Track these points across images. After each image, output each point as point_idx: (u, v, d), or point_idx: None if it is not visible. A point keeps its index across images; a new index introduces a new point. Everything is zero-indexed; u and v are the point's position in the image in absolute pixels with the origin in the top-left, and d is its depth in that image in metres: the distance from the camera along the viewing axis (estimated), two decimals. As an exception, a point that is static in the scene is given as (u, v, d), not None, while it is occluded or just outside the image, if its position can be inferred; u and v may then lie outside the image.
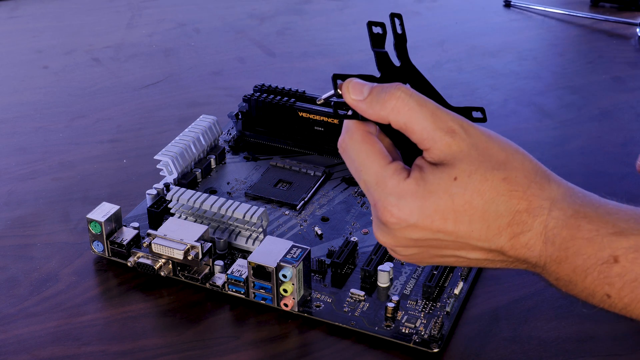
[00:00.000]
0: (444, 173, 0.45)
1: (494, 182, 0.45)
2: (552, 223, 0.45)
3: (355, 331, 0.60)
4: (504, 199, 0.45)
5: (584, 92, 0.94)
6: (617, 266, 0.43)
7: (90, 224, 0.66)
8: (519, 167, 0.45)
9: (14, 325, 0.61)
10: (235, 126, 0.82)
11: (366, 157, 0.46)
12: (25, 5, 1.19)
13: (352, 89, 0.46)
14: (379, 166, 0.46)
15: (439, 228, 0.45)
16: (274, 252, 0.60)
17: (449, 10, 1.17)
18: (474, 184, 0.44)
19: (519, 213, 0.45)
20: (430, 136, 0.45)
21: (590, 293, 0.45)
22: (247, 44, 1.07)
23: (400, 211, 0.45)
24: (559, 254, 0.45)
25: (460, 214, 0.45)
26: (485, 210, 0.45)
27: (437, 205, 0.45)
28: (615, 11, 1.15)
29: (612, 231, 0.44)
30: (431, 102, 0.45)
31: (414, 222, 0.45)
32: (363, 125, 0.47)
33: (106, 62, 1.02)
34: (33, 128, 0.87)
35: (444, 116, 0.45)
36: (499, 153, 0.45)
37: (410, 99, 0.45)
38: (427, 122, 0.45)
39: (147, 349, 0.59)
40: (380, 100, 0.45)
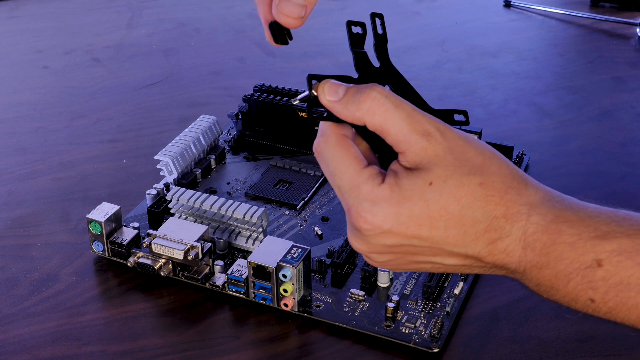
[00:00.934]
0: (418, 178, 0.44)
1: (470, 187, 0.44)
2: (532, 228, 0.44)
3: (355, 331, 0.60)
4: (481, 204, 0.44)
5: (584, 92, 0.94)
6: (601, 270, 0.43)
7: (90, 224, 0.66)
8: (496, 171, 0.44)
9: (14, 325, 0.61)
10: (235, 126, 0.82)
11: (340, 162, 0.45)
12: (25, 5, 1.19)
13: (327, 89, 0.45)
14: (354, 171, 0.45)
15: (413, 234, 0.44)
16: (274, 252, 0.60)
17: (449, 10, 1.17)
18: (449, 189, 0.44)
19: (497, 219, 0.44)
20: (406, 138, 0.44)
21: (573, 298, 0.44)
22: (247, 44, 1.07)
23: (374, 217, 0.44)
24: (540, 260, 0.44)
25: (436, 220, 0.44)
26: (462, 216, 0.44)
27: (412, 211, 0.44)
28: (615, 11, 1.15)
29: (595, 235, 0.43)
30: (408, 104, 0.45)
31: (388, 228, 0.44)
32: (338, 128, 0.46)
33: (106, 62, 1.02)
34: (33, 128, 0.87)
35: (420, 118, 0.44)
36: (475, 157, 0.44)
37: (386, 100, 0.44)
38: (403, 124, 0.44)
39: (147, 349, 0.59)
40: (355, 101, 0.44)
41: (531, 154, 0.81)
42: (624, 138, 0.85)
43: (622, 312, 0.43)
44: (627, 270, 0.42)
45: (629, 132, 0.86)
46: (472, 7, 1.18)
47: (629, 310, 0.43)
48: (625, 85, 0.96)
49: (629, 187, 0.77)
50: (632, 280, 0.42)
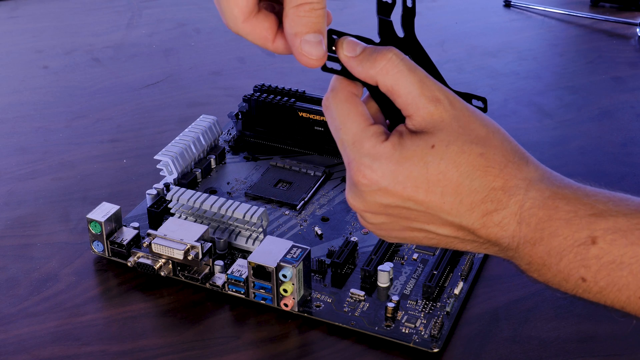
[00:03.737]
0: (422, 140, 0.44)
1: (471, 155, 0.44)
2: (529, 203, 0.44)
3: (355, 331, 0.60)
4: (480, 174, 0.44)
5: (584, 92, 0.94)
6: (594, 248, 0.43)
7: (90, 224, 0.66)
8: (497, 145, 0.45)
9: (14, 325, 0.61)
10: (235, 126, 0.82)
11: (346, 117, 0.46)
12: (25, 5, 1.19)
13: (346, 45, 0.45)
14: (358, 127, 0.45)
15: (409, 196, 0.45)
16: (274, 252, 0.60)
17: (449, 10, 1.17)
18: (450, 155, 0.44)
19: (494, 190, 0.44)
20: (414, 102, 0.44)
21: (564, 277, 0.44)
22: (247, 44, 1.06)
23: (373, 172, 0.45)
24: (534, 235, 0.44)
25: (433, 184, 0.44)
26: (459, 184, 0.44)
27: (410, 171, 0.44)
28: (615, 11, 1.15)
29: (591, 212, 0.43)
30: (422, 70, 0.45)
31: (385, 185, 0.45)
32: (348, 86, 0.46)
33: (106, 62, 1.02)
34: (33, 128, 0.87)
35: (431, 85, 0.45)
36: (480, 129, 0.45)
37: (401, 62, 0.44)
38: (413, 87, 0.44)
39: (147, 349, 0.59)
40: (371, 59, 0.45)
41: (531, 154, 0.80)
42: (624, 138, 0.85)
43: (612, 292, 0.43)
44: (621, 249, 0.42)
45: (629, 132, 0.86)
46: (472, 7, 1.18)
47: (620, 291, 0.43)
48: (625, 85, 0.96)
49: (629, 187, 0.77)
50: (625, 260, 0.42)
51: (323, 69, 0.46)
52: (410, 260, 0.66)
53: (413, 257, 0.66)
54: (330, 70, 0.46)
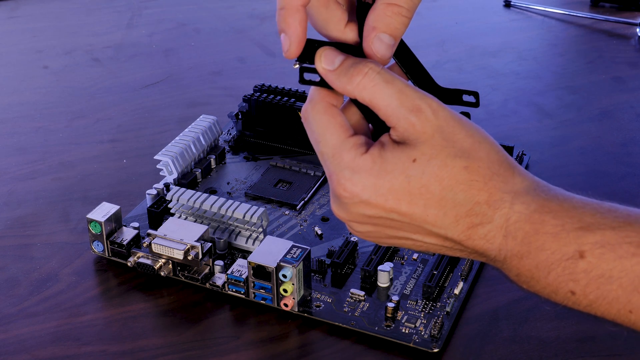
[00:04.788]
0: (403, 153, 0.44)
1: (454, 169, 0.43)
2: (515, 217, 0.44)
3: (355, 331, 0.60)
4: (463, 187, 0.43)
5: (584, 92, 0.94)
6: (582, 262, 0.42)
7: (90, 224, 0.66)
8: (483, 157, 0.44)
9: (14, 325, 0.61)
10: (235, 126, 0.82)
11: (325, 129, 0.45)
12: (25, 5, 1.19)
13: (324, 57, 0.45)
14: (337, 139, 0.45)
15: (392, 208, 0.44)
16: (274, 252, 0.60)
17: (449, 10, 1.17)
18: (432, 169, 0.43)
19: (479, 204, 0.44)
20: (394, 114, 0.44)
21: (553, 290, 0.44)
22: (247, 44, 1.07)
23: (353, 186, 0.44)
24: (521, 249, 0.44)
25: (416, 197, 0.44)
26: (442, 197, 0.44)
27: (391, 184, 0.44)
28: (615, 11, 1.15)
29: (578, 226, 0.43)
30: (401, 81, 0.44)
31: (366, 198, 0.44)
32: (327, 96, 0.46)
33: (106, 62, 1.02)
34: (33, 128, 0.87)
35: (411, 94, 0.44)
36: (464, 140, 0.44)
37: (378, 76, 0.44)
38: (392, 100, 0.43)
39: (147, 349, 0.59)
40: (348, 74, 0.44)
41: (531, 154, 0.81)
42: (624, 138, 0.85)
43: (602, 305, 0.43)
44: (609, 263, 0.42)
45: (629, 132, 0.86)
46: (472, 7, 1.18)
47: (610, 304, 0.43)
48: (625, 85, 0.96)
49: (629, 187, 0.77)
50: (614, 274, 0.42)
51: (301, 82, 0.45)
52: (410, 260, 0.66)
53: (413, 257, 0.66)
54: (308, 82, 0.45)
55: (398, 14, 0.44)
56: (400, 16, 0.44)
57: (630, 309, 0.42)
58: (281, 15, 0.44)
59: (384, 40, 0.44)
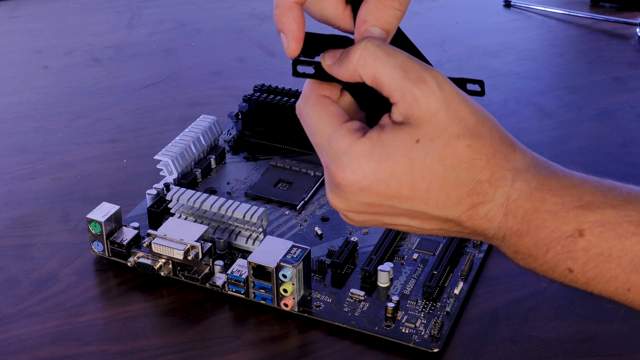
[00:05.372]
0: (405, 134, 0.42)
1: (458, 148, 0.42)
2: (515, 194, 0.43)
3: (355, 331, 0.60)
4: (466, 167, 0.43)
5: (584, 92, 0.94)
6: (582, 240, 0.42)
7: (90, 224, 0.66)
8: (486, 134, 0.43)
9: (14, 325, 0.61)
10: (235, 126, 0.82)
11: (318, 119, 0.44)
12: (25, 5, 1.19)
13: (327, 55, 0.45)
14: (331, 127, 0.44)
15: (394, 193, 0.43)
16: (274, 252, 0.60)
17: (449, 10, 1.17)
18: (435, 149, 0.42)
19: (480, 183, 0.43)
20: (398, 86, 0.42)
21: (550, 267, 0.44)
22: (247, 44, 1.07)
23: (353, 173, 0.43)
24: (520, 227, 0.43)
25: (418, 181, 0.43)
26: (445, 178, 0.43)
27: (393, 169, 0.42)
28: (615, 11, 1.15)
29: (578, 204, 0.42)
30: (404, 53, 0.43)
31: (367, 184, 0.43)
32: (319, 89, 0.45)
33: (106, 62, 1.02)
34: (33, 128, 0.87)
35: (416, 66, 0.42)
36: (469, 117, 0.43)
37: (378, 48, 0.43)
38: (395, 72, 0.42)
39: (147, 349, 0.59)
40: (347, 57, 0.43)
41: (531, 154, 0.81)
42: (624, 138, 0.85)
43: (600, 283, 0.43)
44: (609, 242, 0.42)
45: (629, 132, 0.86)
46: (472, 7, 1.18)
47: (607, 282, 0.42)
48: (625, 85, 0.96)
49: (629, 187, 0.77)
50: (613, 252, 0.42)
51: (294, 75, 0.45)
52: (410, 260, 0.66)
53: (413, 257, 0.66)
54: (302, 75, 0.45)
55: (390, 7, 0.44)
56: (393, 9, 0.44)
57: (628, 287, 0.42)
58: (276, 15, 0.44)
59: (375, 34, 0.44)
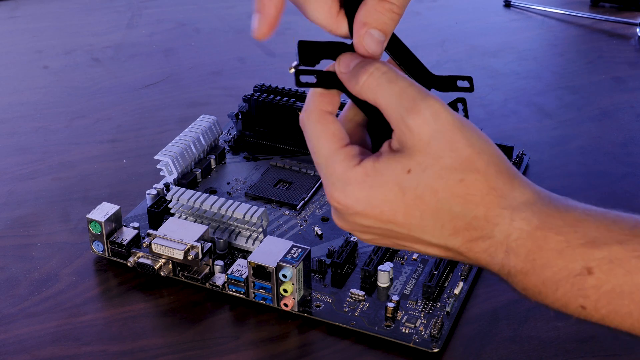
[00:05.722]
0: (398, 164, 0.42)
1: (450, 181, 0.42)
2: (515, 234, 0.42)
3: (355, 331, 0.60)
4: (460, 201, 0.42)
5: (584, 92, 0.94)
6: (591, 278, 0.41)
7: (90, 224, 0.66)
8: (481, 169, 0.42)
9: (14, 325, 0.61)
10: (235, 126, 0.82)
11: (318, 139, 0.45)
12: (25, 5, 1.19)
13: (342, 62, 0.45)
14: (329, 149, 0.44)
15: (388, 219, 0.43)
16: (274, 252, 0.60)
17: (449, 10, 1.17)
18: (426, 181, 0.42)
19: (477, 218, 0.42)
20: (394, 114, 0.42)
21: (563, 304, 0.43)
22: (247, 44, 1.07)
23: (346, 198, 0.43)
24: (525, 265, 0.42)
25: (411, 208, 0.42)
26: (439, 209, 0.42)
27: (385, 196, 0.43)
28: (615, 11, 1.15)
29: (583, 241, 0.41)
30: (406, 80, 0.43)
31: (360, 210, 0.43)
32: (321, 104, 0.45)
33: (106, 62, 1.02)
34: (33, 128, 0.87)
35: (412, 94, 0.42)
36: (463, 149, 0.42)
37: (382, 75, 0.43)
38: (392, 99, 0.42)
39: (147, 349, 0.59)
40: (356, 74, 0.44)
41: (531, 154, 0.81)
42: (624, 138, 0.85)
43: (615, 320, 0.42)
44: (619, 279, 0.41)
45: (629, 132, 0.86)
46: (472, 7, 1.18)
47: (622, 318, 0.42)
48: (625, 85, 0.96)
49: (629, 187, 0.77)
50: (625, 289, 0.41)
51: (297, 85, 0.45)
52: (410, 260, 0.66)
53: (413, 257, 0.66)
54: (305, 84, 0.45)
55: (389, 11, 0.44)
56: (391, 12, 0.44)
57: None
58: None
59: (374, 36, 0.44)
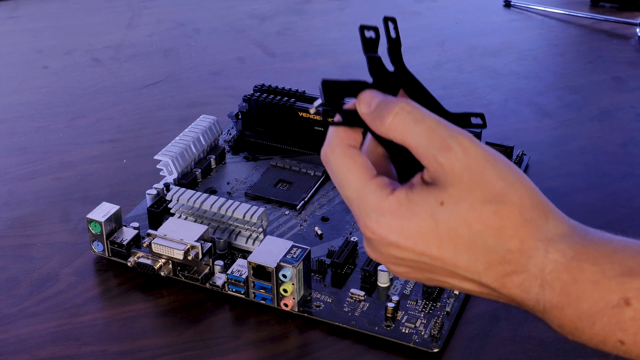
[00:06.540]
0: (431, 195, 0.42)
1: (483, 214, 0.41)
2: (550, 266, 0.41)
3: (355, 331, 0.60)
4: (493, 233, 0.41)
5: (584, 92, 0.94)
6: (629, 309, 0.40)
7: (90, 224, 0.66)
8: (515, 201, 0.42)
9: (14, 325, 0.61)
10: (235, 126, 0.82)
11: (347, 172, 0.44)
12: (25, 5, 1.19)
13: (362, 100, 0.44)
14: (360, 181, 0.44)
15: (422, 251, 0.43)
16: (274, 252, 0.60)
17: (449, 10, 1.17)
18: (460, 213, 0.42)
19: (510, 252, 0.42)
20: (424, 153, 0.42)
21: (601, 340, 0.42)
22: (247, 44, 1.07)
23: (380, 228, 0.43)
24: (560, 299, 0.42)
25: (445, 241, 0.42)
26: (472, 242, 0.42)
27: (419, 227, 0.42)
28: (615, 11, 1.15)
29: (620, 272, 0.40)
30: (432, 118, 0.43)
31: (394, 240, 0.43)
32: (345, 138, 0.45)
33: (106, 62, 1.02)
34: (33, 128, 0.87)
35: (442, 132, 0.42)
36: (496, 182, 0.42)
37: (408, 115, 0.43)
38: (422, 139, 0.42)
39: (147, 349, 0.59)
40: (380, 115, 0.43)
41: (531, 154, 0.81)
42: (624, 138, 0.85)
43: None
44: None
45: (629, 132, 0.86)
46: (472, 7, 1.18)
47: None
48: (625, 85, 0.96)
49: (629, 187, 0.77)
50: None
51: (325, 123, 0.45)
52: (410, 260, 0.66)
53: (413, 257, 0.66)
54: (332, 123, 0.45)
55: None
56: None
57: None
58: None
59: None
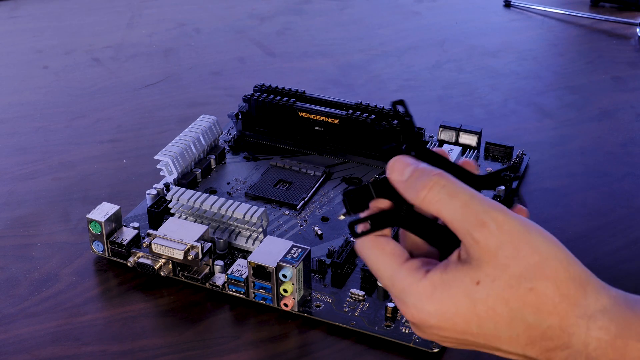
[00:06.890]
0: (466, 276, 0.42)
1: (520, 291, 0.41)
2: (594, 344, 0.41)
3: (355, 331, 0.60)
4: (532, 310, 0.41)
5: (584, 92, 0.94)
6: None
7: (90, 224, 0.66)
8: (550, 276, 0.41)
9: (14, 325, 0.61)
10: (235, 126, 0.82)
11: (377, 262, 0.45)
12: (25, 5, 1.19)
13: (395, 168, 0.44)
14: (391, 269, 0.44)
15: (463, 330, 0.43)
16: (274, 252, 0.60)
17: (449, 10, 1.17)
18: (496, 291, 0.41)
19: (551, 328, 0.41)
20: (459, 228, 0.42)
21: None
22: (247, 44, 1.07)
23: (419, 313, 0.43)
24: None
25: (484, 320, 0.42)
26: (512, 318, 0.41)
27: (457, 309, 0.42)
28: (615, 11, 1.15)
29: None
30: (466, 192, 0.42)
31: (435, 323, 0.43)
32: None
33: (106, 62, 1.02)
34: (33, 128, 0.87)
35: (477, 207, 0.42)
36: (530, 256, 0.41)
37: (442, 190, 0.42)
38: (456, 215, 0.42)
39: (147, 349, 0.59)
40: (414, 187, 0.43)
41: (531, 154, 0.81)
42: (624, 138, 0.85)
43: None
44: None
45: (629, 132, 0.86)
46: (472, 7, 1.18)
47: None
48: (625, 85, 0.96)
49: (629, 187, 0.77)
50: None
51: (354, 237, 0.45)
52: (410, 260, 0.66)
53: (413, 257, 0.66)
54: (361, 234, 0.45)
55: None
56: None
57: None
58: None
59: None
